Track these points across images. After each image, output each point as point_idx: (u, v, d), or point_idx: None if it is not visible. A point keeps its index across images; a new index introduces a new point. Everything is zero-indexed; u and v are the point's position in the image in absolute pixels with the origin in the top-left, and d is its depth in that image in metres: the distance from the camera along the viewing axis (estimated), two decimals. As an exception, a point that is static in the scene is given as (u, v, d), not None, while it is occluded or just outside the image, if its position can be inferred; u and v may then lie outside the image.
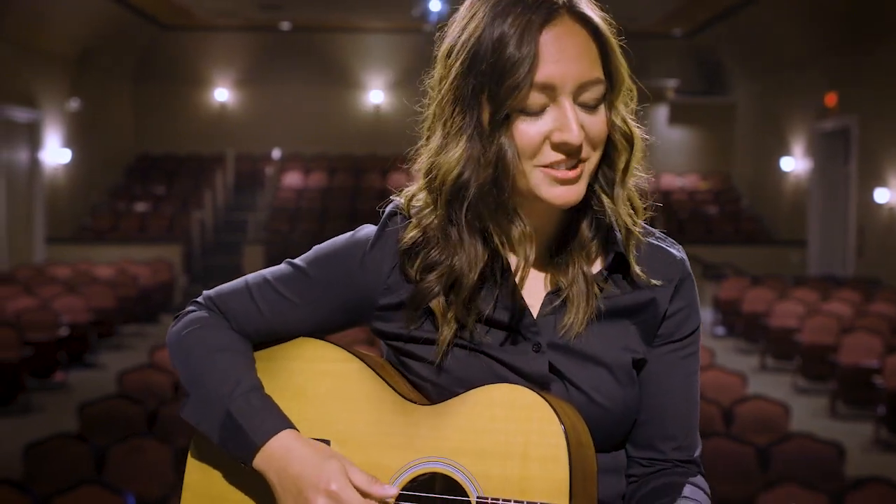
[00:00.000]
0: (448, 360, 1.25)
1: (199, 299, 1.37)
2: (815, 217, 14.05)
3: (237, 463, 1.27)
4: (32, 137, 14.14)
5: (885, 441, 7.45)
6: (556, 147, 1.17)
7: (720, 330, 12.20)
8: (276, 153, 18.17)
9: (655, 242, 1.30)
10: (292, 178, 17.70)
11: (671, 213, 15.99)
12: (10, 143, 13.44)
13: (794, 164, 14.97)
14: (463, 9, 1.23)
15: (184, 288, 14.55)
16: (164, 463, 4.71)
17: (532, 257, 1.23)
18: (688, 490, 1.25)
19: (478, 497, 1.18)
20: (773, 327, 10.08)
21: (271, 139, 18.07)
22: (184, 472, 1.36)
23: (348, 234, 1.33)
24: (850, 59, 12.91)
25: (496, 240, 1.21)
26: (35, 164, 14.19)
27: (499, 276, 1.24)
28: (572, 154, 1.18)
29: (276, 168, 17.91)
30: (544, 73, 1.16)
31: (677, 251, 1.31)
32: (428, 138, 1.26)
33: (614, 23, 1.24)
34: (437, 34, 1.26)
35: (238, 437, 1.25)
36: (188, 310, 1.37)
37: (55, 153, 14.76)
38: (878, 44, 12.13)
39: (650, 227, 1.33)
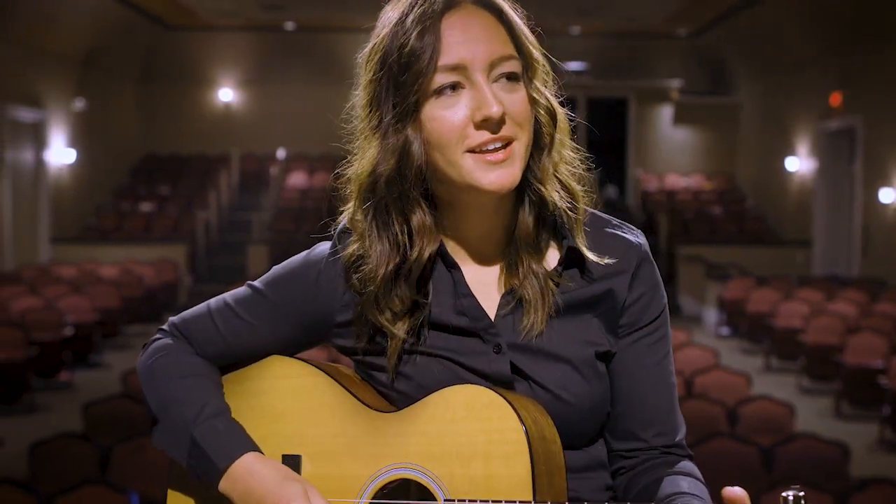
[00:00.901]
0: (410, 368, 1.26)
1: (165, 327, 1.40)
2: (820, 217, 14.03)
3: (210, 488, 1.29)
4: (38, 137, 14.17)
5: (890, 441, 7.43)
6: (479, 126, 1.17)
7: (725, 330, 12.18)
8: (280, 153, 18.19)
9: (610, 230, 1.28)
10: (297, 178, 17.72)
11: (676, 213, 15.96)
12: (15, 143, 13.46)
13: (799, 164, 14.95)
14: (378, 19, 1.25)
15: (188, 288, 14.57)
16: (168, 463, 4.71)
17: (480, 258, 1.25)
18: (685, 484, 1.23)
19: (445, 500, 1.19)
20: (778, 327, 10.07)
21: (276, 139, 18.08)
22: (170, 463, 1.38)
23: (304, 253, 1.35)
24: (855, 58, 12.88)
25: (396, 229, 1.21)
26: (40, 164, 14.21)
27: (452, 280, 1.24)
28: (496, 130, 1.16)
29: (281, 168, 17.92)
30: (451, 55, 1.16)
31: (634, 237, 1.29)
32: (355, 151, 1.27)
33: (522, 9, 1.24)
34: (361, 45, 1.28)
35: (203, 463, 1.27)
36: (154, 338, 1.39)
37: (60, 153, 14.79)
38: (883, 43, 12.10)
39: (606, 216, 1.31)
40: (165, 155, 18.10)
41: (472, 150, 1.17)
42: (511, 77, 1.19)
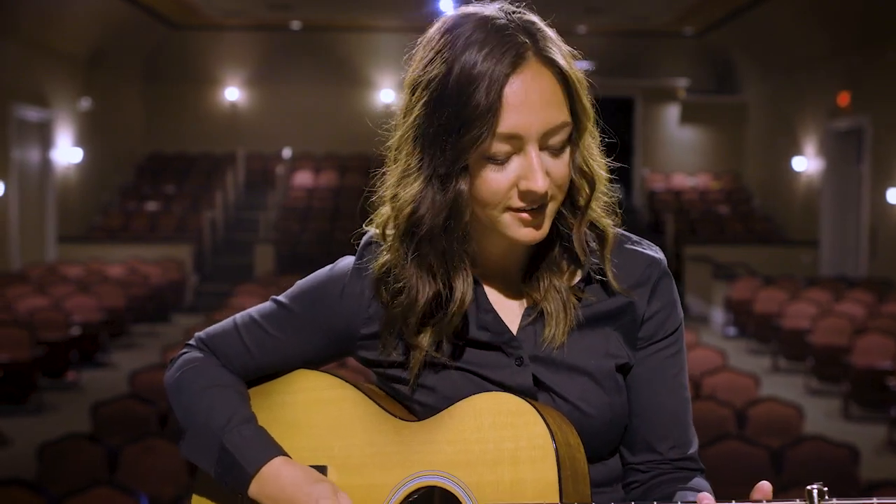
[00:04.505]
0: (434, 380, 1.28)
1: (192, 341, 1.43)
2: (828, 217, 14.00)
3: (237, 498, 1.31)
4: (44, 137, 14.19)
5: (898, 443, 7.41)
6: (523, 195, 1.18)
7: (732, 330, 12.16)
8: (286, 152, 18.19)
9: (630, 247, 1.31)
10: (303, 178, 17.72)
11: (682, 212, 15.94)
12: (21, 143, 13.48)
13: (807, 163, 14.91)
14: (427, 41, 1.23)
15: (194, 287, 14.58)
16: (177, 463, 4.71)
17: (502, 274, 1.27)
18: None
19: None
20: (786, 328, 10.04)
21: (282, 138, 18.09)
22: (196, 474, 1.39)
23: (328, 267, 1.37)
24: (862, 58, 12.85)
25: (439, 281, 1.23)
26: (46, 163, 14.24)
27: (475, 295, 1.26)
28: (538, 200, 1.19)
29: (287, 167, 17.93)
30: (509, 123, 1.16)
31: (654, 252, 1.32)
32: (395, 163, 1.27)
33: (578, 52, 1.23)
34: (405, 58, 1.27)
35: (233, 469, 1.29)
36: (182, 352, 1.42)
37: (66, 152, 14.81)
38: (891, 43, 12.07)
39: (626, 233, 1.33)
40: (171, 154, 18.11)
41: (510, 209, 1.20)
42: (561, 146, 1.20)
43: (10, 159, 12.99)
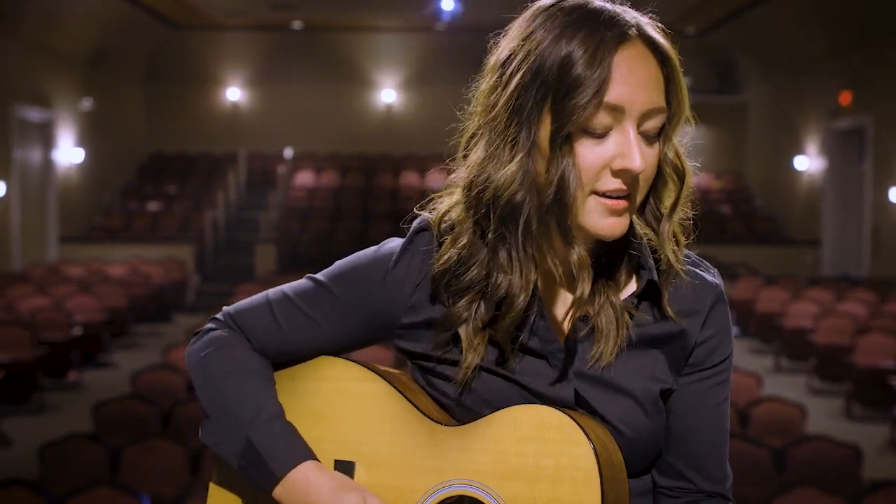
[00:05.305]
0: (475, 382, 1.22)
1: (219, 316, 1.34)
2: (830, 217, 13.98)
3: (257, 491, 1.25)
4: (45, 137, 14.19)
5: (901, 443, 7.40)
6: (616, 174, 1.13)
7: (734, 330, 11.96)
8: (287, 152, 18.19)
9: (689, 267, 1.26)
10: (304, 178, 17.72)
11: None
12: (23, 143, 13.49)
13: (808, 163, 14.90)
14: (522, 19, 1.18)
15: (196, 287, 14.58)
16: (179, 463, 4.70)
17: (558, 281, 1.20)
18: None
19: None
20: (788, 328, 10.03)
21: (283, 138, 18.09)
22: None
23: (372, 248, 1.30)
24: (864, 58, 12.83)
25: (549, 263, 1.17)
26: (48, 163, 14.24)
27: (532, 301, 1.20)
28: (630, 183, 1.14)
29: (288, 167, 17.92)
30: (615, 93, 1.11)
31: (712, 276, 1.27)
32: (467, 151, 1.21)
33: (677, 52, 1.20)
34: (490, 42, 1.21)
35: (258, 466, 1.23)
36: (207, 327, 1.34)
37: (68, 153, 14.81)
38: (893, 43, 12.05)
39: (685, 251, 1.28)
40: (173, 154, 18.12)
41: (597, 193, 1.15)
42: (655, 133, 1.16)
43: (12, 159, 12.99)
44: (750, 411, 5.86)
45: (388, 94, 18.19)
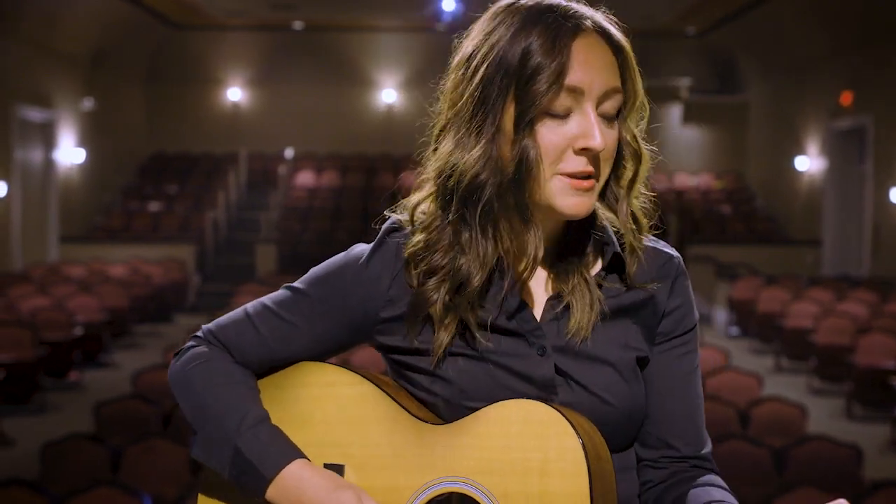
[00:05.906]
0: (451, 371, 1.25)
1: (199, 333, 1.36)
2: (830, 217, 13.98)
3: (249, 498, 1.26)
4: (46, 137, 14.20)
5: (901, 443, 7.40)
6: (579, 153, 1.19)
7: (734, 330, 12.14)
8: (288, 152, 18.20)
9: (649, 244, 1.32)
10: (305, 178, 17.72)
11: (685, 212, 15.92)
12: (24, 143, 13.50)
13: (809, 163, 14.90)
14: (483, 19, 1.25)
15: (197, 287, 14.59)
16: (180, 463, 4.71)
17: (534, 263, 1.24)
18: (717, 494, 1.23)
19: None
20: (788, 328, 10.03)
21: (284, 138, 18.09)
22: (199, 474, 1.36)
23: (342, 253, 1.34)
24: (865, 57, 12.83)
25: (506, 242, 1.22)
26: (49, 163, 14.25)
27: (502, 282, 1.25)
28: (593, 162, 1.20)
29: (289, 167, 17.93)
30: (574, 77, 1.18)
31: (671, 250, 1.34)
32: (437, 145, 1.26)
33: (627, 36, 1.28)
34: (455, 42, 1.28)
35: (249, 473, 1.24)
36: (188, 345, 1.35)
37: (69, 153, 14.82)
38: (893, 43, 12.05)
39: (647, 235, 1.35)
40: (173, 154, 18.12)
41: (562, 174, 1.21)
42: (613, 113, 1.23)
43: (13, 160, 13.00)
44: (750, 411, 5.86)
45: (388, 94, 18.19)
